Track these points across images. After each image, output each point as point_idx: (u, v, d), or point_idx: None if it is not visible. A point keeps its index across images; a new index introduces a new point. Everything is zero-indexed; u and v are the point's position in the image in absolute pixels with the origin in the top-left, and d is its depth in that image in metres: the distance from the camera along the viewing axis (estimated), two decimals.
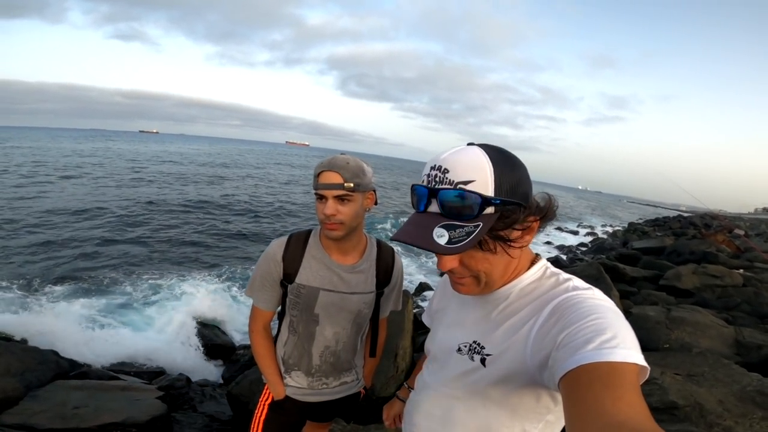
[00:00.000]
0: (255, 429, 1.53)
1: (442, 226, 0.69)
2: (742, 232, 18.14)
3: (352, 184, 1.29)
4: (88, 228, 11.45)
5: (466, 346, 0.83)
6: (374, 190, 1.41)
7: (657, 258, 10.01)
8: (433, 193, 0.71)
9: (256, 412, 1.55)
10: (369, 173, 1.37)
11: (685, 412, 2.16)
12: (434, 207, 0.72)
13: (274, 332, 1.56)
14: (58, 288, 7.29)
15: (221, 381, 4.69)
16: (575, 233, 22.80)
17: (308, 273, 1.40)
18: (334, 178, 1.29)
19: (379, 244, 1.54)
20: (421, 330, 5.10)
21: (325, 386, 1.52)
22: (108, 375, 3.68)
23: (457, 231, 0.68)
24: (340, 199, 1.30)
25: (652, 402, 2.31)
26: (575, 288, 0.73)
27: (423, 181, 0.74)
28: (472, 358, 0.81)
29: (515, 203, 0.70)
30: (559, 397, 0.72)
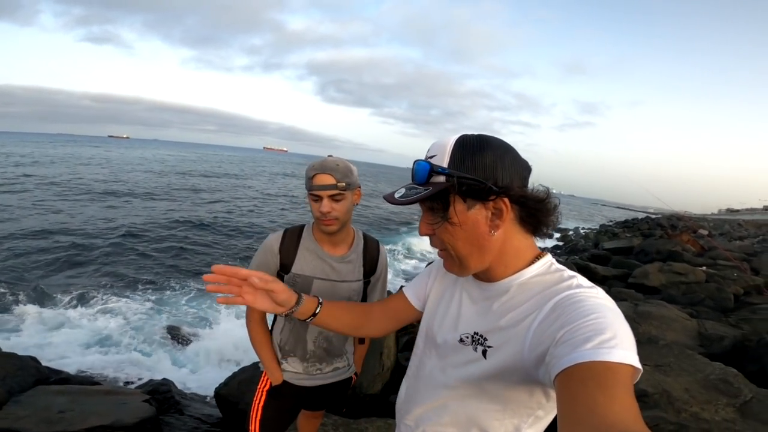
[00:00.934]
0: (254, 414, 1.62)
1: (404, 187, 0.83)
2: (705, 232, 18.94)
3: (344, 184, 1.43)
4: (48, 241, 11.13)
5: (468, 337, 0.84)
6: (359, 187, 1.55)
7: (626, 257, 10.42)
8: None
9: (255, 398, 1.65)
10: (355, 172, 1.51)
11: (654, 399, 2.32)
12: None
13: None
14: (25, 297, 7.11)
15: (206, 384, 4.68)
16: (550, 236, 23.30)
17: (303, 263, 1.53)
18: (327, 179, 1.42)
19: (365, 237, 1.68)
20: (401, 331, 5.20)
21: (319, 371, 1.63)
22: (89, 380, 3.65)
23: (411, 191, 0.80)
24: (334, 198, 1.44)
25: None
26: (579, 285, 0.74)
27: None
28: (475, 349, 0.82)
29: (470, 178, 0.74)
30: (552, 393, 0.75)
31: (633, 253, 11.35)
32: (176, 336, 5.73)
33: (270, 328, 1.66)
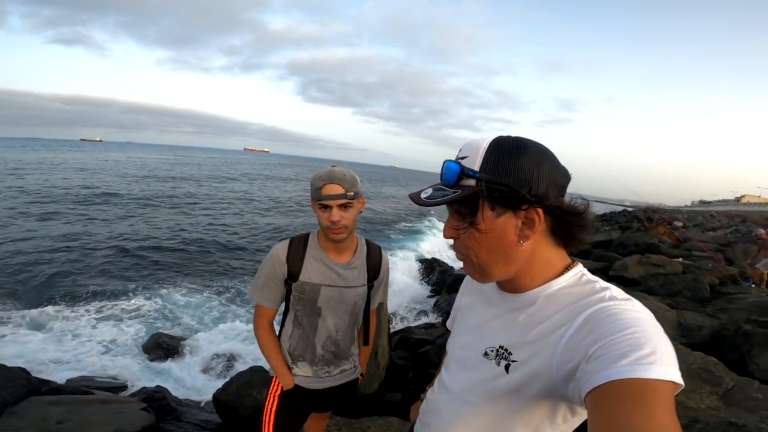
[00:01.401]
0: (267, 419, 1.66)
1: (431, 187, 0.79)
2: (680, 224, 19.52)
3: (352, 193, 1.49)
4: (30, 250, 10.89)
5: (492, 351, 0.81)
6: (363, 195, 1.60)
7: (606, 251, 10.68)
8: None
9: (267, 404, 1.68)
10: (359, 181, 1.57)
11: None
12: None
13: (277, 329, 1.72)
14: (7, 306, 6.98)
15: (198, 390, 4.68)
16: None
17: (310, 271, 1.58)
18: (336, 189, 1.47)
19: (368, 243, 1.74)
20: (394, 329, 5.27)
21: (327, 374, 1.69)
22: (82, 390, 3.61)
23: (438, 192, 0.76)
24: (343, 206, 1.49)
25: None
26: (612, 298, 0.69)
27: None
28: (498, 363, 0.78)
29: (502, 184, 0.70)
30: (579, 410, 0.73)
31: (612, 246, 11.63)
32: (165, 343, 5.69)
33: (278, 334, 1.71)
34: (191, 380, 5.05)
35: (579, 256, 10.12)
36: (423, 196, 0.77)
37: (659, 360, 0.54)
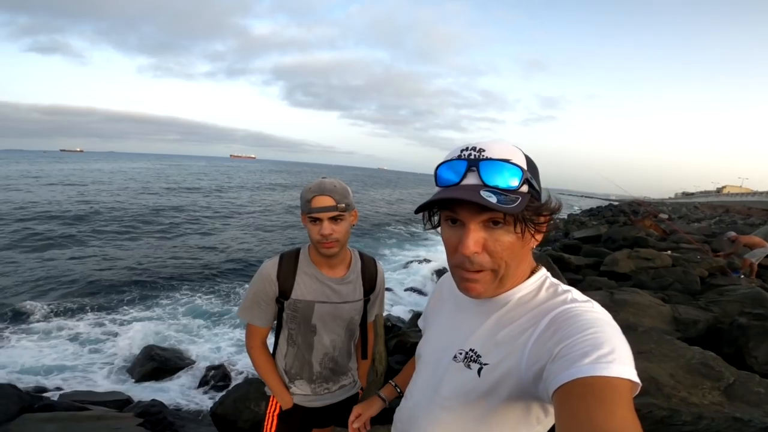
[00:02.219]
0: None
1: (487, 191, 0.69)
2: (666, 216, 19.80)
3: (343, 205, 1.44)
4: (25, 256, 10.68)
5: (462, 354, 0.82)
6: (355, 208, 1.55)
7: (595, 246, 10.77)
8: (472, 165, 0.71)
9: (265, 424, 1.63)
10: (351, 193, 1.52)
11: (643, 386, 2.44)
12: (472, 179, 0.71)
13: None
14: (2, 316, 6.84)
15: (195, 403, 4.59)
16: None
17: (302, 288, 1.52)
18: (327, 201, 1.42)
19: (362, 256, 1.69)
20: (390, 334, 5.24)
21: (326, 391, 1.64)
22: (75, 406, 3.52)
23: (502, 197, 0.68)
24: (334, 219, 1.44)
25: None
26: (574, 300, 0.73)
27: (456, 158, 0.74)
28: (468, 366, 0.79)
29: (538, 192, 0.73)
30: (551, 409, 0.73)
31: (601, 241, 11.75)
32: (159, 356, 5.57)
33: (272, 351, 1.66)
34: (187, 393, 4.96)
35: (569, 252, 10.23)
36: (490, 200, 0.67)
37: (618, 359, 0.57)
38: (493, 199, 0.67)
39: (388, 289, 9.00)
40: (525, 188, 0.71)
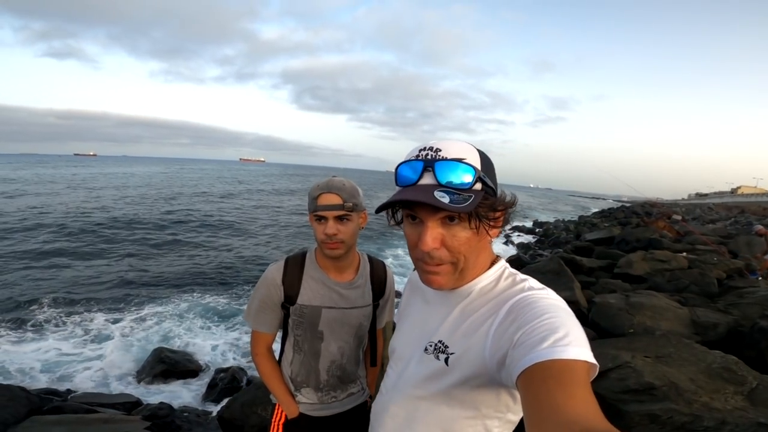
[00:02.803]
0: None
1: (441, 191, 0.72)
2: (679, 218, 19.48)
3: (351, 204, 1.37)
4: (36, 257, 10.81)
5: (431, 345, 0.84)
6: (365, 209, 1.49)
7: (608, 248, 10.61)
8: (428, 166, 0.74)
9: None
10: (361, 194, 1.45)
11: (662, 391, 2.35)
12: (428, 179, 0.74)
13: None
14: (11, 321, 6.90)
15: (203, 406, 4.58)
16: (531, 230, 23.66)
17: (309, 293, 1.46)
18: (333, 199, 1.36)
19: (371, 260, 1.62)
20: None
21: (334, 399, 1.57)
22: (83, 408, 3.51)
23: (455, 197, 0.72)
24: (339, 219, 1.37)
25: (631, 384, 2.49)
26: (530, 288, 0.76)
27: (414, 158, 0.77)
28: (437, 357, 0.81)
29: (493, 188, 0.76)
30: (518, 395, 0.73)
31: (614, 243, 11.58)
32: (168, 358, 5.57)
33: (278, 358, 1.59)
34: (195, 396, 4.95)
35: (581, 254, 10.10)
36: (443, 200, 0.71)
37: (573, 342, 0.59)
38: (446, 200, 0.71)
39: (398, 293, 8.94)
40: (478, 186, 0.74)
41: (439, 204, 0.70)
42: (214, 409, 4.14)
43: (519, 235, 21.44)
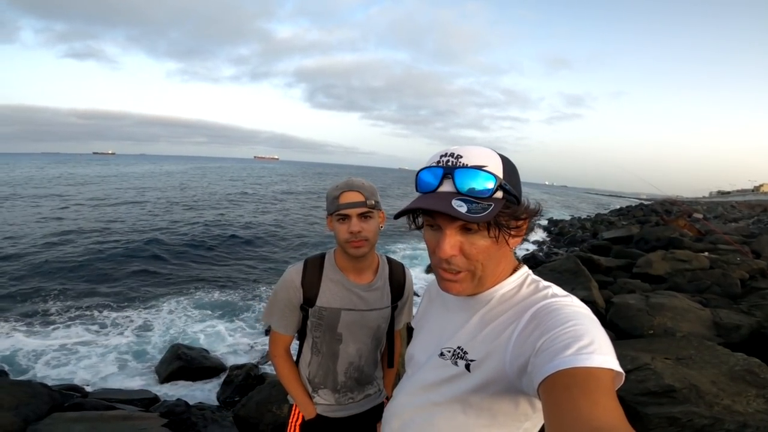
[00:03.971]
0: None
1: (459, 199, 0.72)
2: (700, 216, 19.06)
3: (372, 202, 1.38)
4: (57, 255, 11.06)
5: (449, 351, 0.83)
6: (382, 210, 1.49)
7: (626, 247, 10.42)
8: (447, 173, 0.75)
9: None
10: (378, 193, 1.46)
11: (683, 394, 2.30)
12: (447, 187, 0.75)
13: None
14: (33, 317, 7.07)
15: (218, 403, 4.63)
16: (547, 228, 23.40)
17: (328, 295, 1.46)
18: (356, 197, 1.37)
19: (390, 261, 1.62)
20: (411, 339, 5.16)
21: (351, 400, 1.58)
22: (103, 405, 3.59)
23: (474, 206, 0.71)
24: (362, 216, 1.37)
25: (650, 386, 2.45)
26: (554, 295, 0.75)
27: (434, 164, 0.77)
28: (455, 363, 0.81)
29: (516, 197, 0.76)
30: (538, 403, 0.74)
31: (633, 242, 11.36)
32: (185, 355, 5.65)
33: (295, 359, 1.60)
34: (211, 394, 5.01)
35: (598, 253, 9.96)
36: (460, 209, 0.71)
37: (598, 350, 0.58)
38: (464, 209, 0.71)
39: (416, 295, 8.92)
40: (499, 194, 0.74)
41: (456, 214, 0.70)
42: (229, 406, 4.18)
43: (534, 233, 21.23)
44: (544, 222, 26.32)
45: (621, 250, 9.79)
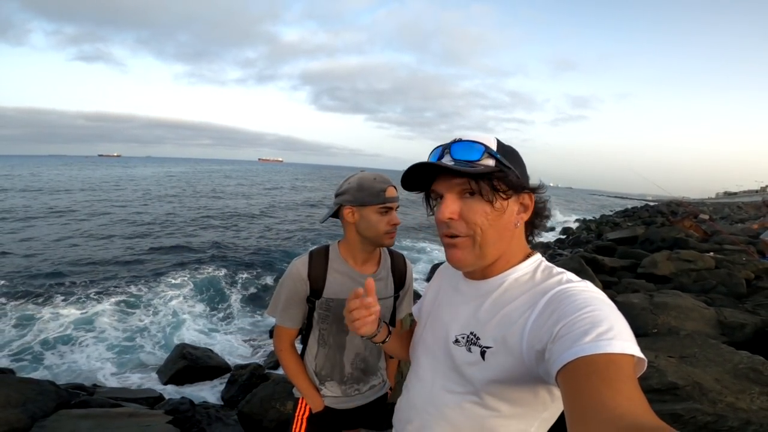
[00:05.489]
0: None
1: (443, 158, 0.81)
2: (707, 217, 18.93)
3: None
4: (65, 249, 11.14)
5: (463, 338, 0.82)
6: None
7: (631, 247, 10.37)
8: (446, 149, 0.81)
9: (294, 427, 1.59)
10: None
11: (686, 391, 2.30)
12: (445, 160, 0.81)
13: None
14: (43, 314, 7.14)
15: (222, 402, 4.66)
16: (552, 229, 23.33)
17: (335, 286, 1.48)
18: (394, 192, 1.46)
19: (391, 252, 1.65)
20: None
21: (357, 392, 1.60)
22: (109, 403, 3.62)
23: (462, 163, 0.78)
24: (396, 209, 1.48)
25: (653, 384, 2.44)
26: (569, 281, 0.75)
27: (438, 146, 0.85)
28: (469, 350, 0.80)
29: (511, 168, 0.80)
30: (557, 392, 0.74)
31: (638, 243, 11.30)
32: (189, 354, 5.68)
33: (300, 353, 1.62)
34: (215, 392, 5.04)
35: (603, 253, 9.91)
36: (445, 161, 0.80)
37: (618, 335, 0.57)
38: (450, 162, 0.78)
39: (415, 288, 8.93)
40: (490, 161, 0.78)
41: (444, 164, 0.77)
42: (234, 403, 4.20)
43: (538, 234, 21.13)
44: (549, 223, 26.21)
45: (626, 251, 9.74)
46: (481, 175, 0.77)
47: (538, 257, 0.85)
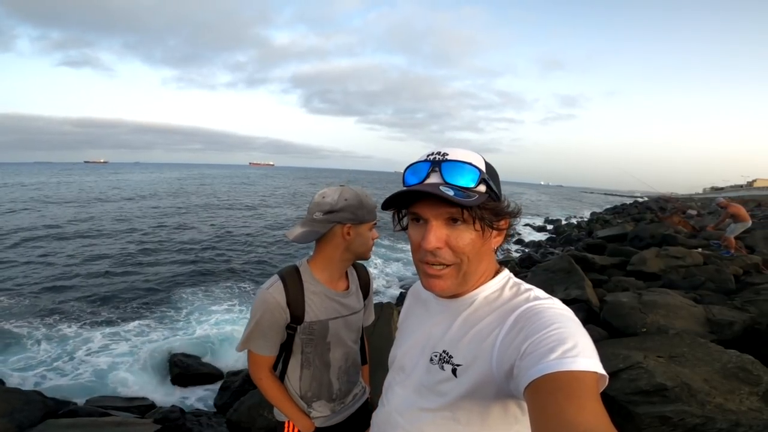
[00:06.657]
0: None
1: (446, 187, 0.74)
2: (695, 212, 19.14)
3: None
4: (55, 261, 11.00)
5: (436, 356, 0.83)
6: None
7: (621, 245, 10.44)
8: (434, 166, 0.77)
9: None
10: None
11: (675, 392, 2.30)
12: (434, 179, 0.77)
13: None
14: (33, 324, 7.04)
15: (214, 409, 4.61)
16: (542, 228, 23.43)
17: (314, 309, 1.43)
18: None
19: (354, 265, 1.63)
20: None
21: (342, 405, 1.59)
22: (98, 411, 3.56)
23: (459, 193, 0.74)
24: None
25: (642, 386, 2.44)
26: (536, 298, 0.76)
27: (422, 160, 0.80)
28: (442, 368, 0.81)
29: (497, 194, 0.79)
30: (526, 407, 0.75)
31: (627, 240, 11.38)
32: (180, 362, 5.63)
33: (279, 376, 1.54)
34: (207, 400, 4.99)
35: (593, 251, 9.95)
36: (433, 180, 0.77)
37: (582, 353, 0.59)
38: (451, 193, 0.73)
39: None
40: (483, 188, 0.77)
41: (445, 195, 0.72)
42: (224, 411, 4.16)
43: (530, 233, 21.22)
44: (540, 221, 26.37)
45: (615, 248, 9.79)
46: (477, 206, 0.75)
47: (506, 273, 0.86)
